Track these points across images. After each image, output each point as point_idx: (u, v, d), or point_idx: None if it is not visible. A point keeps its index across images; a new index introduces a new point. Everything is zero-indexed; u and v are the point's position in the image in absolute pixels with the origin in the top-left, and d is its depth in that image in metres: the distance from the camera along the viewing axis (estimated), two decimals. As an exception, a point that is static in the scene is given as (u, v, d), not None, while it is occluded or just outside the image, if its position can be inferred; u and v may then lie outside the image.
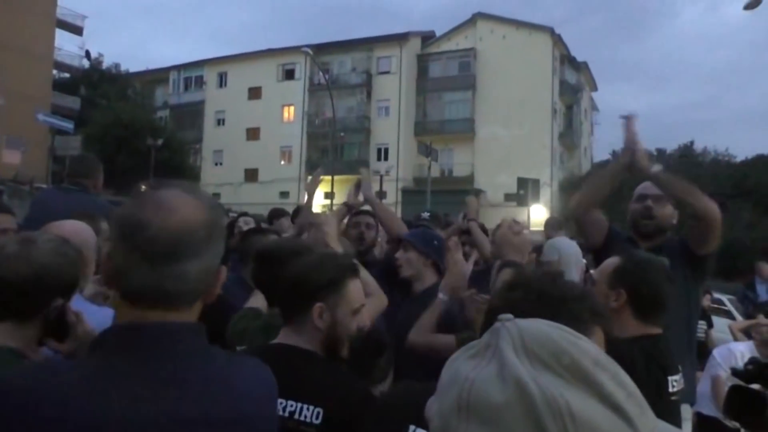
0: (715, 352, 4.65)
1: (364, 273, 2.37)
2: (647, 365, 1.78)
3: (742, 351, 4.67)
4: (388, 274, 2.99)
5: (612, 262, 2.07)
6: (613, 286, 1.97)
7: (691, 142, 39.69)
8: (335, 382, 1.58)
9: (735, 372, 1.99)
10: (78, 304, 1.87)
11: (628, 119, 2.80)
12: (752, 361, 1.97)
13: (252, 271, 2.40)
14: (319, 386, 1.52)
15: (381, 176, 28.56)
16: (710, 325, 6.68)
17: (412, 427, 1.25)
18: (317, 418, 1.50)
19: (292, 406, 1.50)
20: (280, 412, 1.46)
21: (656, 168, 2.72)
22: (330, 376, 1.60)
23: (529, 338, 0.60)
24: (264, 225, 4.59)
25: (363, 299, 1.76)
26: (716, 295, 11.56)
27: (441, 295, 2.50)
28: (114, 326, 1.04)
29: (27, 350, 1.47)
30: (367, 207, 3.58)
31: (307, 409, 1.50)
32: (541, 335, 0.61)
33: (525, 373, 0.56)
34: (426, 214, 4.12)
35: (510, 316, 0.64)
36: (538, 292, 1.14)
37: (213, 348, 1.10)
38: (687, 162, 35.19)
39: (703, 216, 2.64)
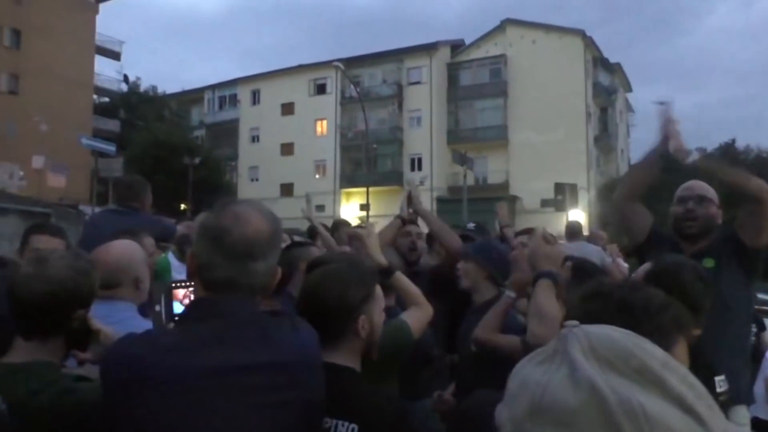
0: None
1: (408, 283, 2.38)
2: (694, 365, 1.74)
3: None
4: (435, 285, 2.98)
5: (644, 268, 2.03)
6: None
7: (733, 140, 38.69)
8: (370, 398, 1.58)
9: None
10: (130, 316, 1.98)
11: (663, 106, 2.73)
12: None
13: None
14: (354, 403, 1.51)
15: (416, 186, 28.48)
16: (762, 328, 6.46)
17: None
18: None
19: (327, 423, 1.50)
20: None
21: (694, 156, 2.63)
22: (365, 392, 1.59)
23: (597, 343, 0.61)
24: (298, 239, 4.61)
25: (383, 296, 1.79)
26: (763, 296, 11.15)
27: (508, 293, 2.48)
28: (192, 302, 1.41)
29: (58, 362, 1.57)
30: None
31: (342, 425, 1.50)
32: (608, 339, 0.61)
33: (597, 377, 0.57)
34: (471, 225, 4.10)
35: (576, 322, 0.65)
36: (619, 303, 1.11)
37: (265, 316, 1.39)
38: (729, 160, 34.22)
39: (759, 197, 2.52)
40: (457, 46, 40.26)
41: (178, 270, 4.36)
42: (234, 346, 1.27)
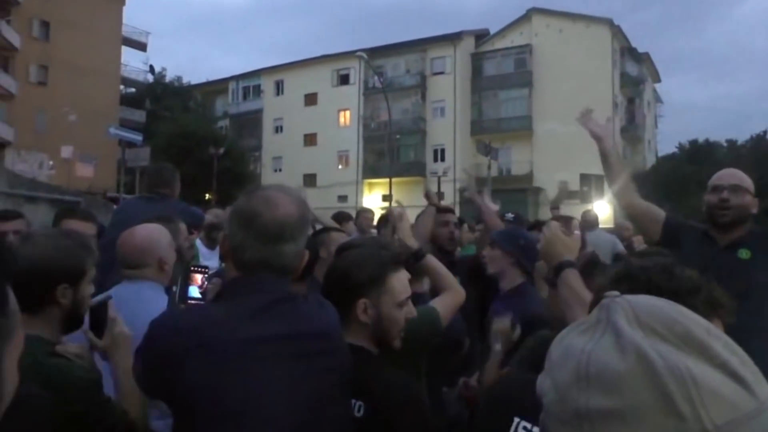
0: None
1: (438, 265, 2.37)
2: None
3: None
4: (473, 272, 2.97)
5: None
6: None
7: (765, 132, 37.73)
8: (379, 377, 1.60)
9: None
10: (154, 296, 2.06)
11: (583, 116, 2.90)
12: None
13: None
14: (362, 381, 1.52)
15: (438, 177, 28.42)
16: None
17: (516, 420, 1.26)
18: (359, 411, 1.53)
19: None
20: None
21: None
22: (374, 371, 1.61)
23: (641, 310, 0.62)
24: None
25: (408, 291, 1.77)
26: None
27: (497, 346, 2.43)
28: (231, 279, 1.48)
29: (52, 338, 1.62)
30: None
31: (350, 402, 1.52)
32: (652, 307, 0.63)
33: (644, 342, 0.58)
34: (510, 215, 4.09)
35: (616, 292, 0.66)
36: (648, 285, 1.09)
37: (293, 291, 1.46)
38: (760, 153, 33.49)
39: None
40: (481, 36, 39.92)
41: (206, 257, 4.41)
42: (277, 318, 1.37)
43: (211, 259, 4.69)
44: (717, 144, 39.13)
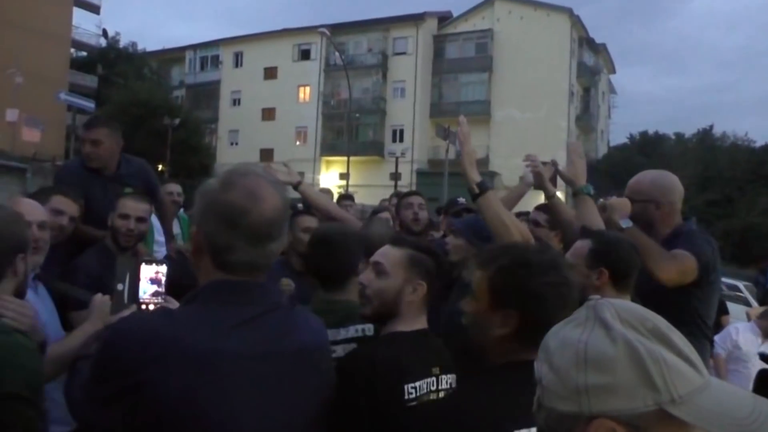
0: (717, 336, 4.80)
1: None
2: None
3: (738, 328, 4.90)
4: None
5: (584, 244, 2.26)
6: (593, 266, 2.17)
7: (710, 127, 39.21)
8: None
9: (762, 356, 2.09)
10: None
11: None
12: None
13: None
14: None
15: (396, 158, 28.50)
16: (724, 311, 6.68)
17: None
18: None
19: None
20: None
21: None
22: None
23: (620, 309, 0.80)
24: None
25: None
26: (732, 282, 11.46)
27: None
28: (210, 282, 1.28)
29: None
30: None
31: None
32: (628, 308, 0.81)
33: (629, 333, 0.76)
34: (462, 200, 4.16)
35: (598, 296, 0.88)
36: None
37: (278, 300, 1.37)
38: (705, 147, 34.76)
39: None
40: (444, 18, 39.93)
41: (160, 231, 4.37)
42: (269, 331, 1.27)
43: (164, 235, 4.63)
44: (666, 137, 40.38)
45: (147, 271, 1.69)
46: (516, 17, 36.59)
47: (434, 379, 1.72)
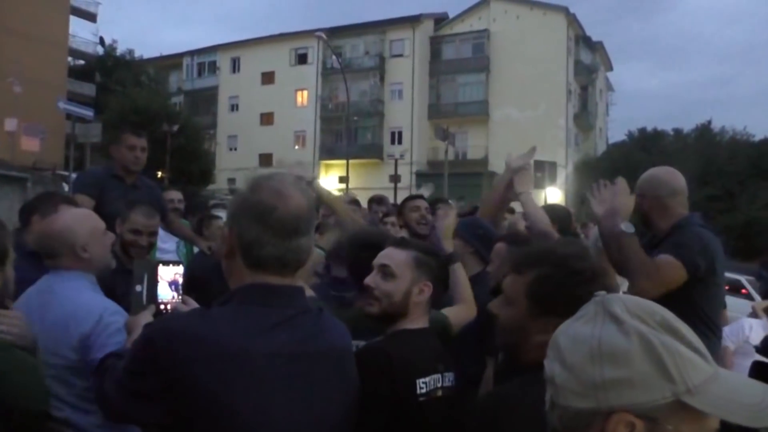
0: (726, 328, 4.76)
1: (462, 276, 2.37)
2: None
3: (751, 324, 4.88)
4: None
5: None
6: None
7: (709, 121, 39.04)
8: None
9: (758, 349, 2.09)
10: (76, 287, 2.06)
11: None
12: None
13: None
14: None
15: (396, 160, 28.52)
16: (723, 305, 6.65)
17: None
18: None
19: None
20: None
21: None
22: None
23: (630, 304, 0.81)
24: None
25: None
26: (734, 276, 11.43)
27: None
28: (245, 285, 1.33)
29: None
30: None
31: None
32: (636, 301, 0.82)
33: (642, 327, 0.77)
34: (452, 201, 4.18)
35: (604, 292, 0.85)
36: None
37: (310, 303, 1.42)
38: (705, 142, 34.73)
39: None
40: (440, 20, 39.95)
41: (163, 239, 4.39)
42: (300, 332, 1.33)
43: (167, 241, 4.67)
44: (664, 133, 40.37)
45: (165, 273, 1.75)
46: (512, 17, 36.62)
47: (439, 375, 1.75)
